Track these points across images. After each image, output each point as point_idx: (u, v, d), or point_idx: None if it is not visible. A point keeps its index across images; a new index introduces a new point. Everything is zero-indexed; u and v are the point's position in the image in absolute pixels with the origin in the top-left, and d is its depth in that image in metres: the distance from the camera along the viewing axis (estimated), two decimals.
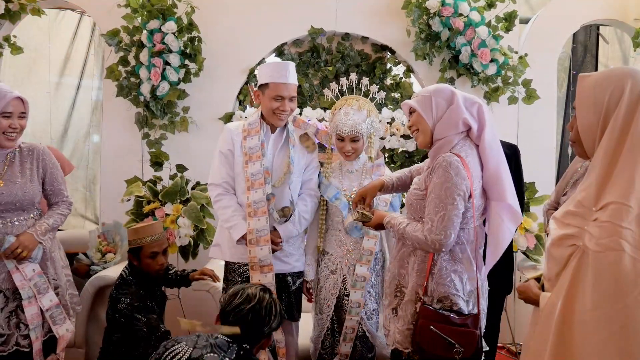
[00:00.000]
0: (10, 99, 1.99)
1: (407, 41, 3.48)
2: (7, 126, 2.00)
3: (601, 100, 1.23)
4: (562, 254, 1.26)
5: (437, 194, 1.65)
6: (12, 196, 2.01)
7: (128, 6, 3.23)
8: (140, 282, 2.24)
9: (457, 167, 1.65)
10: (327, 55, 3.60)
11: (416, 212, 1.77)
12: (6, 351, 1.97)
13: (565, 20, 3.71)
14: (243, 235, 2.16)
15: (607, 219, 1.17)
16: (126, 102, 3.36)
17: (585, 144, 1.29)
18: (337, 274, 2.28)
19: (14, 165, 2.08)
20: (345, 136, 2.21)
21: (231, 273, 2.28)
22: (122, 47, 3.30)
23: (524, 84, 3.49)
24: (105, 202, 3.45)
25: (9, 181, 2.03)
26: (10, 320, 2.00)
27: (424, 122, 1.76)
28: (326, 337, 2.30)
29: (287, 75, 2.17)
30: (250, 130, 2.22)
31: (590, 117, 1.25)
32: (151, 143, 3.36)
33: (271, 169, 2.22)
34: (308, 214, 2.29)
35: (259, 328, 1.64)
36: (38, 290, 2.02)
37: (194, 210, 2.83)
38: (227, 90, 3.49)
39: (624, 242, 1.14)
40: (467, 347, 1.63)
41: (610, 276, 1.14)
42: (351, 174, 2.31)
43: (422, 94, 1.81)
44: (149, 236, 2.22)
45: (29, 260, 2.02)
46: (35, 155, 2.13)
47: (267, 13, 3.49)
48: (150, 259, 2.22)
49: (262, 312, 1.63)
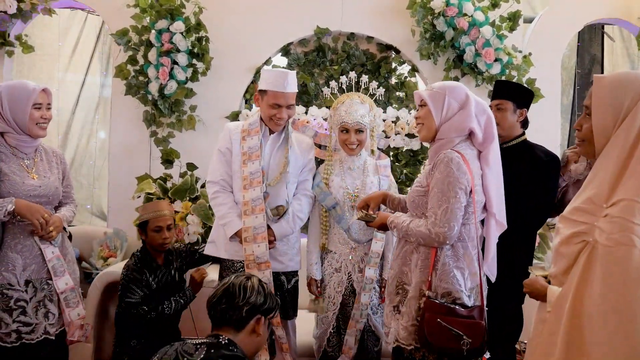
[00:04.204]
0: (39, 91, 2.10)
1: (412, 41, 3.51)
2: (39, 117, 2.10)
3: (620, 102, 1.27)
4: (571, 251, 1.29)
5: (440, 188, 1.69)
6: (48, 189, 2.14)
7: (137, 6, 3.27)
8: (145, 256, 2.38)
9: (458, 162, 1.70)
10: (332, 55, 3.64)
11: (418, 208, 1.81)
12: (34, 339, 2.05)
13: (569, 19, 3.73)
14: (237, 232, 2.19)
15: (618, 214, 1.20)
16: (134, 100, 3.40)
17: (598, 143, 1.32)
18: (341, 271, 2.29)
19: (43, 163, 2.20)
20: (351, 127, 2.22)
21: (226, 270, 2.30)
22: (131, 47, 3.35)
23: (528, 83, 3.51)
24: (114, 199, 3.50)
25: (42, 176, 2.15)
26: (39, 310, 2.07)
27: (431, 119, 1.79)
28: (332, 335, 2.31)
29: (286, 85, 2.19)
30: (250, 130, 2.25)
31: (607, 117, 1.28)
32: (159, 141, 3.41)
33: (267, 169, 2.25)
34: (302, 213, 2.31)
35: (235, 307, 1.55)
36: (54, 272, 2.10)
37: (202, 208, 2.88)
38: (234, 89, 3.53)
39: (635, 237, 1.17)
40: (474, 339, 1.65)
41: (620, 270, 1.17)
42: (353, 172, 2.31)
43: (436, 89, 1.80)
44: (155, 211, 2.38)
45: (52, 243, 2.12)
46: (58, 157, 2.27)
47: (273, 13, 3.53)
48: (154, 232, 2.36)
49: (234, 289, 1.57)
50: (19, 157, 2.11)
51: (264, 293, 1.60)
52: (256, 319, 1.57)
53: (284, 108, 2.21)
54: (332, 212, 2.28)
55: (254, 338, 1.57)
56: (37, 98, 2.09)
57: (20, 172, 2.08)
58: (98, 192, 4.66)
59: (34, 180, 2.11)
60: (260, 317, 1.58)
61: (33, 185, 2.10)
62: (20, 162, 2.11)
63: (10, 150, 2.10)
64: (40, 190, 2.12)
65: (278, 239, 2.25)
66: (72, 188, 2.35)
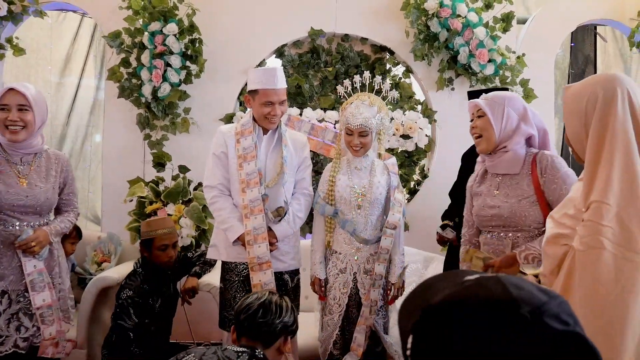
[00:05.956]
0: (4, 91, 1.96)
1: (406, 42, 3.51)
2: (4, 119, 1.96)
3: (580, 107, 1.30)
4: (555, 252, 1.30)
5: (572, 180, 1.71)
6: (35, 200, 2.03)
7: (129, 8, 3.25)
8: (149, 274, 2.31)
9: (558, 156, 1.79)
10: (327, 56, 3.63)
11: (524, 219, 1.77)
12: (3, 352, 1.96)
13: (562, 20, 3.75)
14: (239, 237, 2.19)
15: (588, 217, 1.21)
16: (127, 103, 3.38)
17: (578, 151, 1.36)
18: (346, 272, 2.26)
19: (40, 169, 2.09)
20: (354, 129, 2.21)
21: (228, 273, 2.29)
22: (124, 49, 3.33)
23: (522, 83, 3.52)
24: (107, 202, 3.47)
25: (33, 184, 2.04)
26: (11, 323, 1.99)
27: (491, 130, 1.79)
28: (338, 337, 2.28)
29: (276, 81, 2.19)
30: (243, 131, 2.24)
31: (575, 124, 1.32)
32: (152, 144, 3.39)
33: (264, 170, 2.25)
34: (302, 213, 2.31)
35: (270, 323, 1.59)
36: (32, 287, 2.01)
37: (196, 211, 2.86)
38: (228, 91, 3.52)
39: (604, 239, 1.17)
40: None
41: (592, 273, 1.17)
42: (360, 171, 2.30)
43: (493, 99, 1.81)
44: (161, 229, 2.33)
45: (36, 257, 2.02)
46: (60, 164, 2.15)
47: (267, 15, 3.52)
48: (160, 251, 2.31)
49: (270, 306, 1.61)
50: (13, 162, 2.03)
51: (294, 314, 1.64)
52: (284, 337, 1.60)
53: (277, 104, 2.21)
54: (336, 218, 2.28)
55: (277, 356, 1.61)
56: (1, 99, 1.96)
57: (8, 180, 1.99)
58: (92, 197, 4.64)
59: (22, 189, 2.01)
60: (288, 336, 1.62)
61: (19, 195, 2.00)
62: (13, 167, 2.02)
63: (4, 155, 2.02)
64: (26, 200, 2.01)
65: (280, 240, 2.25)
66: (74, 196, 2.24)
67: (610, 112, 1.25)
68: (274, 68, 2.24)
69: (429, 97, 3.64)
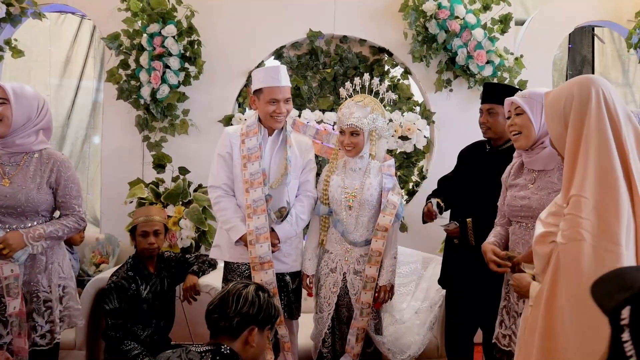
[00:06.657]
0: None
1: (405, 43, 3.52)
2: None
3: (559, 109, 1.36)
4: (544, 251, 1.34)
5: None
6: (14, 200, 1.94)
7: (128, 10, 3.26)
8: (135, 262, 2.36)
9: None
10: (325, 58, 3.64)
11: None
12: None
13: (560, 21, 3.76)
14: (241, 237, 2.20)
15: (568, 211, 1.26)
16: (126, 104, 3.39)
17: (560, 151, 1.40)
18: (337, 272, 2.29)
19: (28, 169, 2.00)
20: (346, 129, 2.23)
21: (230, 273, 2.31)
22: (123, 51, 3.33)
23: (520, 84, 3.53)
24: (106, 204, 3.47)
25: (16, 184, 1.96)
26: None
27: (531, 127, 1.82)
28: (327, 336, 2.31)
29: (280, 79, 2.21)
30: (248, 132, 2.26)
31: (556, 126, 1.38)
32: (151, 145, 3.40)
33: (268, 171, 2.26)
34: (305, 215, 2.32)
35: (226, 316, 1.52)
36: (8, 292, 1.91)
37: (195, 212, 2.86)
38: (227, 92, 3.53)
39: (584, 231, 1.21)
40: None
41: (574, 265, 1.21)
42: (354, 172, 2.31)
43: (530, 96, 1.84)
44: (142, 216, 2.38)
45: (11, 260, 1.92)
46: (51, 164, 2.03)
47: (266, 16, 3.52)
48: (140, 237, 2.35)
49: (228, 297, 1.54)
50: (1, 162, 1.97)
51: (258, 303, 1.53)
52: (249, 329, 1.52)
53: (282, 102, 2.22)
54: (330, 217, 2.31)
55: (248, 348, 1.53)
56: None
57: None
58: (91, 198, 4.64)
59: (3, 189, 1.93)
60: (254, 328, 1.52)
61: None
62: (0, 167, 1.96)
63: None
64: (5, 200, 1.92)
65: (282, 241, 2.26)
66: (73, 198, 2.08)
67: (586, 111, 1.30)
68: (277, 66, 2.25)
69: (427, 99, 3.65)
